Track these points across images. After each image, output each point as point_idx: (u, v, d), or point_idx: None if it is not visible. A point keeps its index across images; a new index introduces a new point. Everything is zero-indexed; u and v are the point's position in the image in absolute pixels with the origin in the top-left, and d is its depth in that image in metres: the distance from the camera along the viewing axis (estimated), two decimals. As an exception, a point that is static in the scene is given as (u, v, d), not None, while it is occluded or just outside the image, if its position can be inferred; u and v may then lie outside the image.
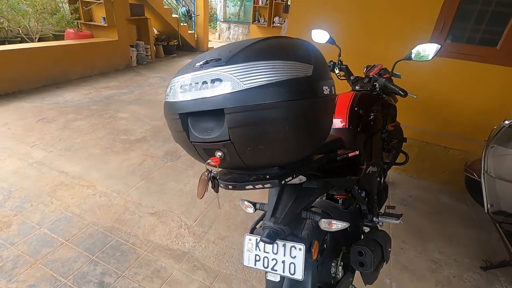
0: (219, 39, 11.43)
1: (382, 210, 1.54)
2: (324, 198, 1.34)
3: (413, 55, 1.57)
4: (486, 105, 2.38)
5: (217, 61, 0.62)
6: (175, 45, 7.83)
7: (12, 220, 1.93)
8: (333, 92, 0.73)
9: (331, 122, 0.78)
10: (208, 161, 0.67)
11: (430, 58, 1.52)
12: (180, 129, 0.69)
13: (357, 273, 1.16)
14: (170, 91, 0.69)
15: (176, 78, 0.68)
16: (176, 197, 2.29)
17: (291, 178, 0.75)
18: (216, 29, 11.87)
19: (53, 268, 1.63)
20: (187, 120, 0.68)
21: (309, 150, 0.76)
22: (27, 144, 2.86)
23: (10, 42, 5.35)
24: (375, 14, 2.52)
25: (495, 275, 1.82)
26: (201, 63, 0.65)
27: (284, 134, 0.63)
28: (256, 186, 0.71)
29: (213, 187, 0.73)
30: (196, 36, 8.83)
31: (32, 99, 4.00)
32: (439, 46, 1.48)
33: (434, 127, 2.63)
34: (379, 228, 1.38)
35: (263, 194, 2.40)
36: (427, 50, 1.52)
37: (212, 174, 0.73)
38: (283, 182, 0.72)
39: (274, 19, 8.61)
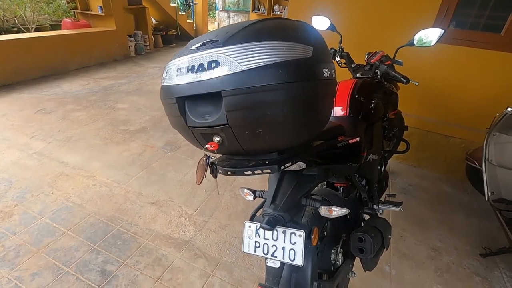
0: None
1: (382, 199, 1.54)
2: (324, 186, 1.33)
3: (415, 41, 1.54)
4: (488, 92, 2.35)
5: (214, 43, 0.60)
6: (174, 35, 7.72)
7: (13, 210, 1.94)
8: (334, 76, 0.71)
9: (331, 107, 0.77)
10: (206, 146, 0.66)
11: (433, 43, 1.49)
12: (177, 114, 0.67)
13: (357, 260, 1.17)
14: (166, 75, 0.68)
15: (172, 62, 0.66)
16: (177, 187, 2.29)
17: (290, 163, 0.74)
18: (215, 18, 11.69)
19: (55, 257, 1.64)
20: (184, 104, 0.66)
21: (309, 135, 0.75)
22: (26, 135, 2.85)
23: (6, 33, 5.28)
24: (377, 0, 2.46)
25: (494, 262, 1.83)
26: (197, 45, 0.63)
27: (283, 117, 0.61)
28: (255, 172, 0.70)
29: (211, 172, 0.72)
30: (195, 25, 8.71)
31: (30, 90, 3.97)
32: (443, 31, 1.45)
33: (435, 115, 2.61)
34: (379, 216, 1.38)
35: (263, 182, 2.40)
36: (430, 35, 1.48)
37: (210, 159, 0.72)
38: (282, 167, 0.71)
39: (274, 7, 8.44)
